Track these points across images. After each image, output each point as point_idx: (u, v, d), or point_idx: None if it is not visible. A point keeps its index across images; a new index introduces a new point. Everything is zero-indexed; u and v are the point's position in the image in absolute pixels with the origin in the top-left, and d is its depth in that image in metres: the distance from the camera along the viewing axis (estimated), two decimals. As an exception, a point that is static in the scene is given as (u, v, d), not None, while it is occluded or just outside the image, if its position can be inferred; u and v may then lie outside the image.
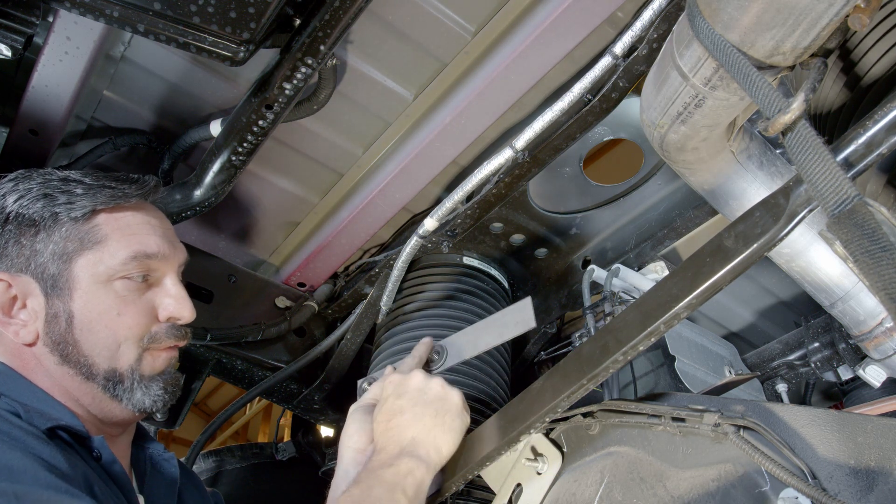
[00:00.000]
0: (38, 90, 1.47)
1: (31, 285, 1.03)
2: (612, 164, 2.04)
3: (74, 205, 1.04)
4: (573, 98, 1.30)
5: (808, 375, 1.60)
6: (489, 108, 1.51)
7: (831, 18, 0.74)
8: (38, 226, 1.03)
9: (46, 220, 1.04)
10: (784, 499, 0.80)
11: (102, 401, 1.05)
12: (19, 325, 1.03)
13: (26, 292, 1.03)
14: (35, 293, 1.03)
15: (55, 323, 1.02)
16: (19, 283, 1.03)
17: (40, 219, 1.03)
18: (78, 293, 1.03)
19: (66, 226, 1.04)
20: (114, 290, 1.05)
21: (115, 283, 1.05)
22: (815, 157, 0.69)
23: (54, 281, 1.03)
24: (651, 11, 1.17)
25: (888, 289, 0.59)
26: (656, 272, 1.72)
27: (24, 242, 1.03)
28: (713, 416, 0.90)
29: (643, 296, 0.90)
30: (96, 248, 1.05)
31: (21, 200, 1.03)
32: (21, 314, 1.03)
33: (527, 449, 1.14)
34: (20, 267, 1.03)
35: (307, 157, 1.76)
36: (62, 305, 1.03)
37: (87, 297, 1.03)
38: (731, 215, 1.18)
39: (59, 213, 1.04)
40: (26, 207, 1.03)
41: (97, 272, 1.04)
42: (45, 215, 1.04)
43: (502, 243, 1.84)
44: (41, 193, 1.04)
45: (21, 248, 1.03)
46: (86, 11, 1.10)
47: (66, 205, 1.04)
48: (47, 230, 1.04)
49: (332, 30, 1.24)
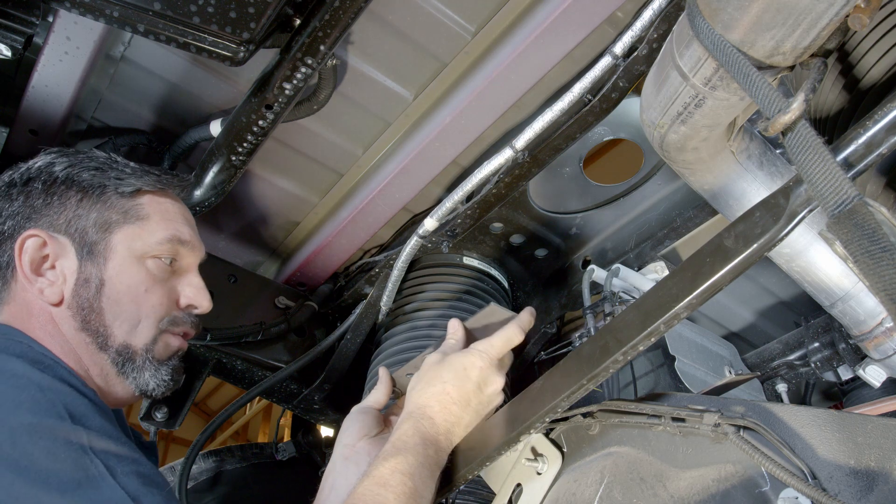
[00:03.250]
0: (38, 90, 1.47)
1: (66, 247, 1.07)
2: (612, 164, 2.04)
3: (123, 181, 1.11)
4: (573, 98, 1.30)
5: (808, 375, 1.60)
6: (489, 108, 1.51)
7: (831, 18, 0.74)
8: (86, 192, 1.09)
9: (94, 189, 1.09)
10: (784, 499, 0.80)
11: (109, 375, 1.07)
12: (46, 284, 1.05)
13: (59, 252, 1.06)
14: (69, 255, 1.06)
15: (85, 287, 1.05)
16: (55, 242, 1.06)
17: (89, 186, 1.09)
18: (112, 262, 1.07)
19: (112, 198, 1.10)
20: (145, 267, 1.10)
21: (148, 262, 1.10)
22: (815, 157, 0.69)
23: (91, 247, 1.07)
24: (651, 11, 1.17)
25: (888, 289, 0.59)
26: (656, 272, 1.72)
27: (67, 205, 1.08)
28: (713, 416, 0.90)
29: (643, 296, 0.90)
30: (137, 224, 1.11)
31: (70, 168, 1.09)
32: (49, 273, 1.06)
33: (527, 449, 1.14)
34: (59, 228, 1.07)
35: (307, 157, 1.76)
36: (95, 271, 1.06)
37: (120, 268, 1.08)
38: (731, 215, 1.18)
39: (108, 185, 1.10)
40: (77, 174, 1.09)
41: (134, 246, 1.09)
42: (93, 184, 1.09)
43: (502, 243, 1.84)
44: (92, 165, 1.11)
45: (64, 209, 1.07)
46: (86, 11, 1.10)
47: (115, 179, 1.11)
48: (93, 198, 1.09)
49: (332, 30, 1.24)
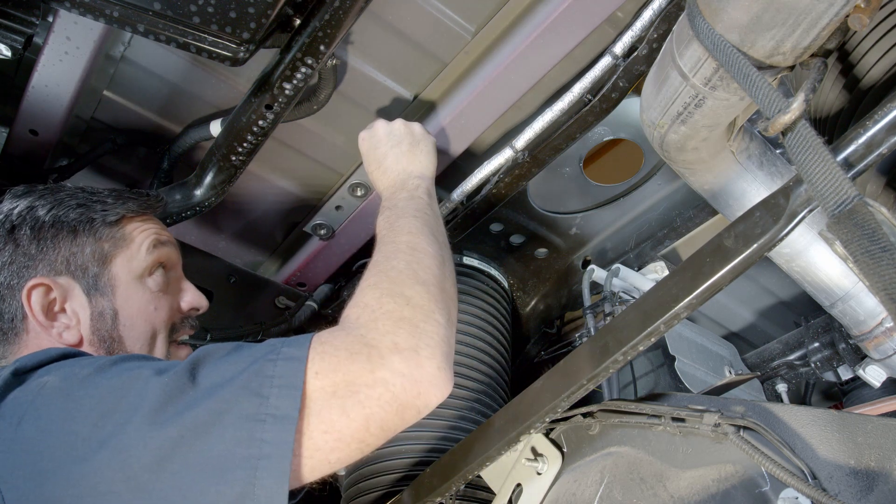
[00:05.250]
0: (38, 90, 1.47)
1: (71, 286, 1.07)
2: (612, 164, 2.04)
3: (108, 211, 1.13)
4: (573, 98, 1.30)
5: (808, 375, 1.60)
6: (489, 108, 1.51)
7: (831, 18, 0.74)
8: (76, 230, 1.10)
9: (84, 224, 1.11)
10: (784, 499, 0.80)
11: None
12: (62, 328, 1.06)
13: (66, 294, 1.07)
14: (76, 294, 1.07)
15: (101, 321, 1.07)
16: (59, 284, 1.06)
17: (78, 223, 1.10)
18: (119, 290, 1.09)
19: (101, 229, 1.12)
20: (147, 285, 1.13)
21: (148, 280, 1.13)
22: (815, 157, 0.69)
23: (95, 280, 1.08)
24: (651, 11, 1.17)
25: (888, 289, 0.59)
26: (656, 272, 1.72)
27: (61, 246, 1.09)
28: (713, 416, 0.90)
29: (643, 296, 0.90)
30: (127, 247, 1.13)
31: (55, 210, 1.10)
32: (62, 317, 1.06)
33: (527, 449, 1.14)
34: (59, 270, 1.08)
35: (307, 157, 1.75)
36: (106, 303, 1.08)
37: (128, 294, 1.10)
38: (731, 215, 1.18)
39: (95, 218, 1.12)
40: (64, 215, 1.10)
41: (132, 268, 1.12)
42: (82, 220, 1.11)
43: (502, 243, 1.84)
44: (74, 203, 1.12)
45: (58, 251, 1.08)
46: (86, 11, 1.10)
47: (101, 211, 1.13)
48: (85, 234, 1.10)
49: (332, 30, 1.24)
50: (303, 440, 0.76)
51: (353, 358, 0.80)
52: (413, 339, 0.84)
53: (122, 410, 0.77)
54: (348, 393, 0.78)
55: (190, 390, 0.77)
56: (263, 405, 0.76)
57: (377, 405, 0.79)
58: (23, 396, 0.82)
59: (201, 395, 0.77)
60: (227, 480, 0.73)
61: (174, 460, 0.73)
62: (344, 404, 0.78)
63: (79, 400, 0.79)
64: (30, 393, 0.82)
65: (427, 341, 0.85)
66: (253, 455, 0.74)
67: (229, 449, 0.74)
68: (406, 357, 0.82)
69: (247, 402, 0.76)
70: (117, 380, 0.81)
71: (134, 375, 0.81)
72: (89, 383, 0.81)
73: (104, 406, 0.78)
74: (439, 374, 0.84)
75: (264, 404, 0.76)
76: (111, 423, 0.76)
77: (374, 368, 0.80)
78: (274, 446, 0.74)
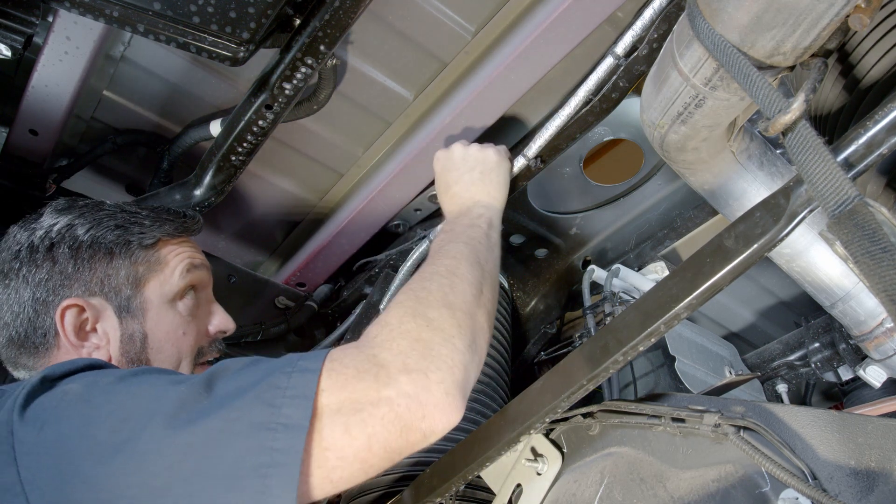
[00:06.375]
0: (38, 90, 1.47)
1: (104, 307, 1.08)
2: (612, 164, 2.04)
3: (146, 234, 1.14)
4: (578, 102, 1.30)
5: (809, 376, 1.60)
6: (489, 108, 1.51)
7: (832, 18, 0.74)
8: (113, 252, 1.11)
9: (120, 248, 1.11)
10: (784, 499, 0.80)
11: None
12: (92, 347, 1.07)
13: (98, 314, 1.08)
14: (108, 315, 1.08)
15: (130, 343, 1.08)
16: (92, 305, 1.07)
17: (115, 245, 1.11)
18: (150, 314, 1.10)
19: (137, 252, 1.13)
20: (178, 309, 1.14)
21: (178, 304, 1.14)
22: (815, 157, 0.69)
23: (128, 302, 1.09)
24: (651, 11, 1.17)
25: (888, 290, 0.58)
26: (656, 272, 1.72)
27: (97, 267, 1.09)
28: (713, 416, 0.90)
29: (643, 296, 0.90)
30: (161, 271, 1.14)
31: (94, 231, 1.11)
32: (92, 337, 1.07)
33: (527, 449, 1.14)
34: (94, 291, 1.09)
35: (307, 157, 1.76)
36: (137, 327, 1.09)
37: (158, 318, 1.11)
38: (731, 215, 1.18)
39: (132, 240, 1.12)
40: (102, 236, 1.11)
41: (164, 292, 1.13)
42: (119, 242, 1.11)
43: (502, 243, 1.84)
44: (113, 224, 1.13)
45: (94, 272, 1.09)
46: (86, 11, 1.10)
47: (139, 234, 1.13)
48: (121, 257, 1.11)
49: (332, 30, 1.24)
50: (304, 457, 0.76)
51: (360, 376, 0.80)
52: (425, 361, 0.83)
53: (138, 416, 0.78)
54: (352, 411, 0.78)
55: (205, 399, 0.78)
56: (275, 415, 0.76)
57: (380, 424, 0.78)
58: (47, 402, 0.83)
59: (215, 404, 0.77)
60: (238, 489, 0.73)
61: (186, 467, 0.74)
62: (347, 422, 0.77)
63: (98, 406, 0.80)
64: (54, 399, 0.83)
65: (439, 364, 0.83)
66: (263, 463, 0.74)
67: (241, 457, 0.74)
68: (414, 378, 0.81)
69: (258, 412, 0.76)
70: (136, 388, 0.82)
71: (152, 384, 0.83)
72: (109, 391, 0.82)
73: (122, 412, 0.79)
74: (446, 400, 0.82)
75: (276, 414, 0.76)
76: (128, 428, 0.77)
77: (380, 387, 0.79)
78: (284, 454, 0.74)
